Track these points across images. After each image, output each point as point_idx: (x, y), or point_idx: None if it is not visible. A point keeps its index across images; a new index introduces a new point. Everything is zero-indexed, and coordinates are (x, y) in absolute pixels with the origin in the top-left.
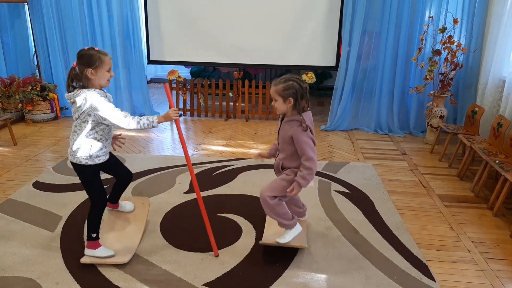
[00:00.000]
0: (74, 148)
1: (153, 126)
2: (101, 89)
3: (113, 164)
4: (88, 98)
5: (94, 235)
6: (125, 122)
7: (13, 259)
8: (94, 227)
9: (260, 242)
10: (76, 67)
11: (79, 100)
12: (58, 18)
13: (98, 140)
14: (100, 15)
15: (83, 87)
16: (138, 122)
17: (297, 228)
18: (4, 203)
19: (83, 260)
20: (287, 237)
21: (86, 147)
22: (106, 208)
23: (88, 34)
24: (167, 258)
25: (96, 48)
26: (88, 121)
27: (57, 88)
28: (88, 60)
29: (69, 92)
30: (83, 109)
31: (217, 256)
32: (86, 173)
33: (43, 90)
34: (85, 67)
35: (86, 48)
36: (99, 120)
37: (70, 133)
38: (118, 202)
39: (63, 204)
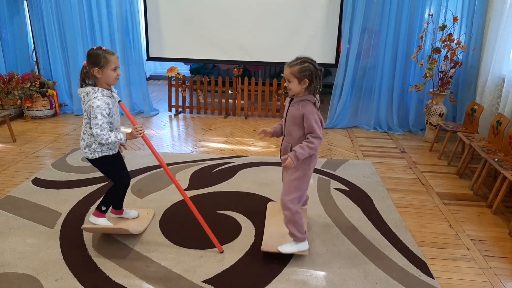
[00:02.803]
0: (81, 142)
1: (121, 143)
2: (109, 87)
3: (120, 163)
4: (90, 95)
5: (104, 208)
6: (99, 133)
7: (13, 256)
8: (108, 202)
9: (261, 249)
10: (86, 66)
11: (83, 96)
12: (57, 14)
13: None
14: (99, 12)
15: (93, 84)
16: (107, 140)
17: (304, 245)
18: (3, 200)
19: (85, 226)
20: (290, 249)
21: (89, 143)
22: (112, 216)
23: (87, 31)
24: (166, 255)
25: (104, 48)
26: (89, 117)
27: (56, 85)
28: (94, 59)
29: (81, 87)
30: (85, 105)
31: (221, 252)
32: (97, 164)
33: (42, 86)
34: (92, 66)
35: (94, 47)
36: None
37: (73, 128)
38: (122, 209)
39: (63, 201)
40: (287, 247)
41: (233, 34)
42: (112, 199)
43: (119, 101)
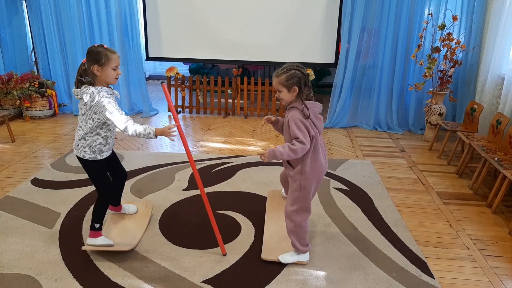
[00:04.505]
0: (78, 142)
1: (149, 138)
2: (107, 86)
3: (113, 161)
4: (96, 96)
5: (97, 226)
6: (124, 127)
7: (12, 256)
8: (99, 218)
9: (262, 257)
10: (85, 63)
11: (85, 97)
12: (56, 14)
13: (102, 137)
14: (98, 12)
15: (90, 83)
16: (135, 131)
17: (305, 257)
18: (2, 200)
19: (84, 247)
20: (290, 259)
21: (90, 143)
22: (110, 212)
23: (86, 31)
24: (166, 255)
25: (105, 46)
26: (93, 118)
27: (55, 85)
28: (95, 56)
29: (77, 87)
30: (89, 106)
31: (224, 255)
32: (91, 167)
33: (41, 86)
34: (92, 64)
35: (95, 45)
36: (103, 119)
37: (72, 128)
38: (120, 205)
39: (62, 201)
40: (287, 257)
41: (232, 34)
42: (101, 213)
43: (161, 82)
